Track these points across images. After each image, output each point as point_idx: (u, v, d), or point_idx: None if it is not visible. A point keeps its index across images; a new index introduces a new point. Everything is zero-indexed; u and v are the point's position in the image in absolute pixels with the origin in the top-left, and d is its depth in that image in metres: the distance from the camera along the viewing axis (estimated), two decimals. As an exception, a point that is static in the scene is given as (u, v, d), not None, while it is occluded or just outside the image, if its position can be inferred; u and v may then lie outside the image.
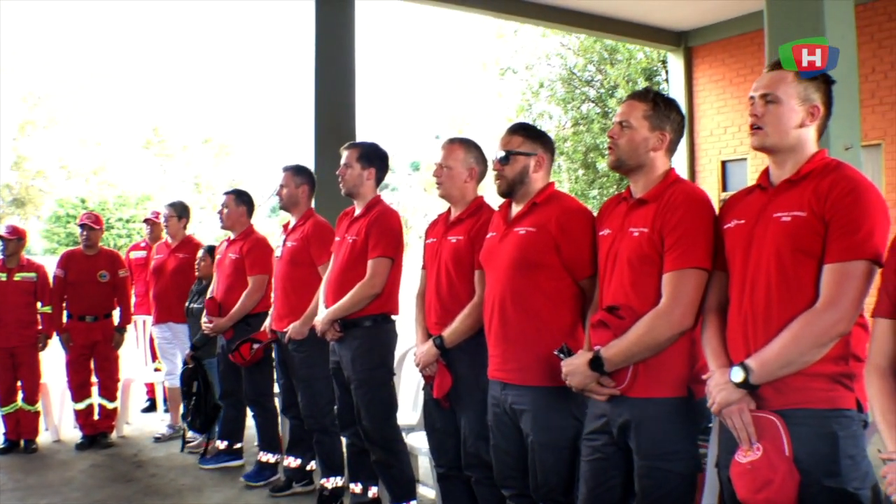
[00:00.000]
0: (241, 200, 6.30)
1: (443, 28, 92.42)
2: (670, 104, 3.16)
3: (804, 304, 2.52)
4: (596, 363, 2.99)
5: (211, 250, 6.77)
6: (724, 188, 12.46)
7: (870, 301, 2.51)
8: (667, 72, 14.99)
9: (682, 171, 12.57)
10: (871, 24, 10.44)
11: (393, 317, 4.80)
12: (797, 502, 2.45)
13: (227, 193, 6.33)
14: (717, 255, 2.88)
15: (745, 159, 12.21)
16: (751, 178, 11.52)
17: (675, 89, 13.32)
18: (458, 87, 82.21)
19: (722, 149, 12.70)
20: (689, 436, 2.99)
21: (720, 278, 2.84)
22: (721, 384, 2.61)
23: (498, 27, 20.45)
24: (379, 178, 4.87)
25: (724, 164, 12.71)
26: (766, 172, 2.77)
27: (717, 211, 2.98)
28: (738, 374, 2.56)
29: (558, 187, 3.64)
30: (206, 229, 37.12)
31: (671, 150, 3.16)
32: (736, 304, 2.70)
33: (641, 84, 17.29)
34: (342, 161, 4.81)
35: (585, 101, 19.38)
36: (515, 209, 3.59)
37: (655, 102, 3.12)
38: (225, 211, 6.23)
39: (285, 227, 5.63)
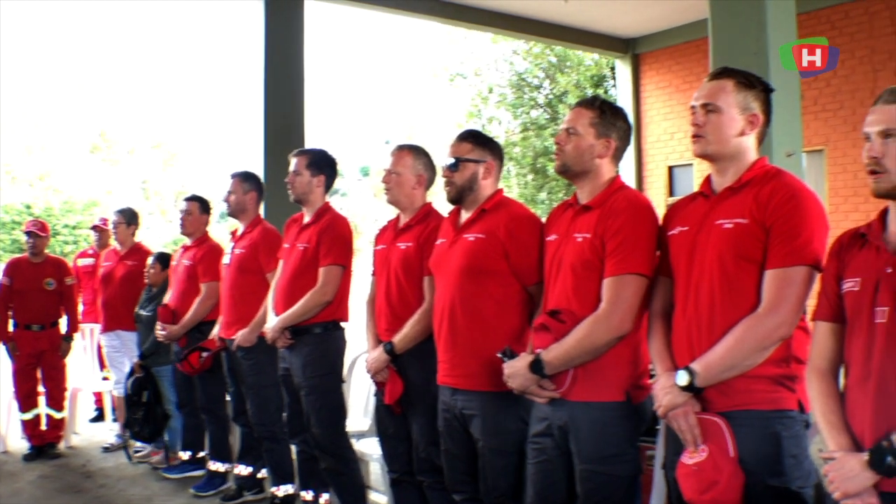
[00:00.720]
0: (205, 209, 6.27)
1: (392, 33, 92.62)
2: (617, 112, 3.21)
3: (747, 309, 2.58)
4: (536, 366, 3.03)
5: (161, 257, 6.71)
6: (671, 193, 12.62)
7: (811, 305, 2.58)
8: (615, 78, 15.15)
9: (630, 177, 12.72)
10: (813, 32, 10.63)
11: (343, 324, 4.80)
12: (742, 502, 2.51)
13: (190, 200, 6.27)
14: (661, 261, 2.93)
15: (691, 165, 12.37)
16: (697, 183, 11.67)
17: (622, 96, 13.47)
18: (407, 92, 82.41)
19: (669, 154, 12.87)
20: (627, 439, 3.02)
21: (665, 284, 2.89)
22: (667, 387, 2.66)
23: (448, 33, 20.47)
24: (328, 185, 4.87)
25: (670, 169, 12.88)
26: (708, 180, 2.83)
27: (661, 217, 3.03)
28: (683, 378, 2.61)
29: (507, 192, 3.69)
30: (155, 236, 36.69)
31: (617, 157, 3.21)
32: (680, 309, 2.76)
33: (590, 90, 17.44)
34: (291, 168, 4.80)
35: (535, 106, 19.49)
36: (465, 216, 3.62)
37: (602, 110, 3.17)
38: (189, 217, 6.18)
39: (233, 234, 5.60)
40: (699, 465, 2.55)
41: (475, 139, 3.67)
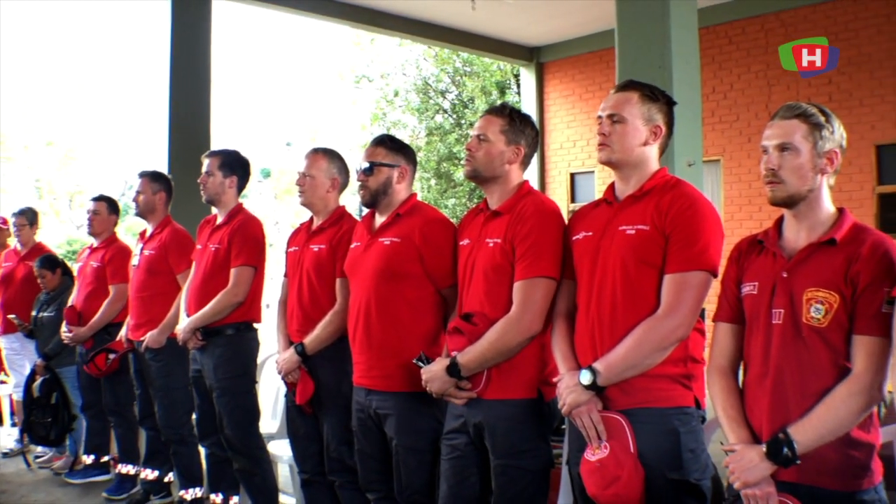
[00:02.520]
0: (113, 209, 6.17)
1: (297, 35, 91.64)
2: (526, 120, 3.32)
3: (647, 311, 2.70)
4: (453, 369, 3.11)
5: (46, 263, 6.55)
6: (573, 199, 12.84)
7: (708, 308, 2.73)
8: (519, 85, 15.36)
9: (534, 183, 12.85)
10: (712, 46, 11.01)
11: (255, 325, 4.80)
12: (644, 495, 2.63)
13: (97, 200, 6.15)
14: (566, 265, 3.04)
15: (592, 172, 12.64)
16: (598, 190, 11.95)
17: (526, 103, 13.65)
18: (312, 94, 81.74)
19: (571, 161, 13.11)
20: (540, 434, 3.13)
21: (569, 286, 3.00)
22: (571, 386, 2.76)
23: (355, 35, 20.46)
24: (240, 186, 4.86)
25: (572, 176, 13.12)
26: (611, 187, 2.96)
27: (565, 219, 3.15)
28: (586, 377, 2.72)
29: (412, 197, 3.75)
30: (48, 235, 35.58)
31: (525, 163, 3.32)
32: (583, 311, 2.87)
33: (496, 96, 17.65)
34: (203, 169, 4.78)
35: (440, 111, 19.60)
36: (379, 219, 3.68)
37: (512, 118, 3.28)
38: (97, 218, 6.07)
39: (142, 234, 5.53)
40: (601, 462, 2.66)
41: (390, 144, 3.72)
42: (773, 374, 2.39)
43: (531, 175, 12.81)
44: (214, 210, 4.94)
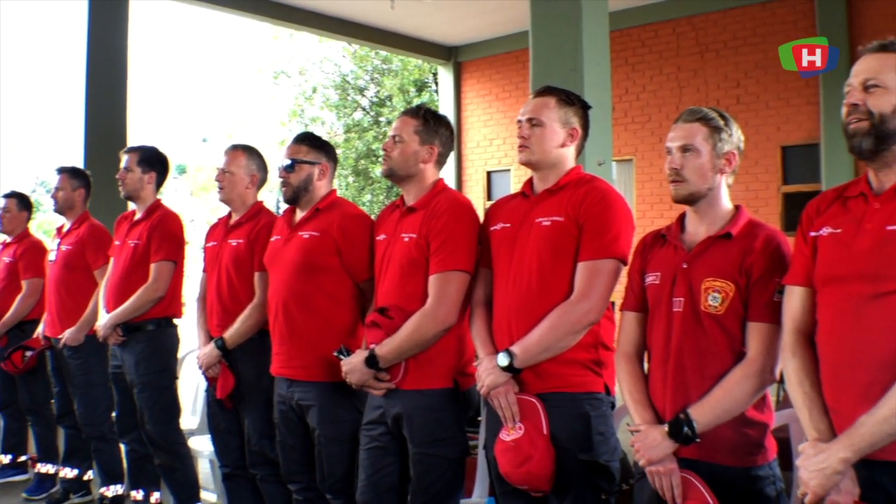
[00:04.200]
0: (24, 205, 6.08)
1: (214, 29, 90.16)
2: (440, 120, 3.43)
3: (560, 298, 2.85)
4: (371, 361, 3.19)
5: None
6: (489, 197, 13.00)
7: (620, 300, 2.88)
8: (437, 84, 15.47)
9: (451, 181, 13.02)
10: (626, 48, 11.30)
11: (175, 320, 4.80)
12: (554, 475, 2.78)
13: (8, 196, 6.05)
14: (483, 255, 3.16)
15: (508, 170, 12.83)
16: (514, 188, 12.06)
17: (444, 102, 13.78)
18: (228, 89, 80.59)
19: (487, 160, 13.28)
20: (456, 423, 3.24)
21: (486, 276, 3.13)
22: (489, 369, 2.89)
23: (274, 31, 20.35)
24: (159, 182, 4.86)
25: (489, 174, 13.29)
26: (529, 182, 3.10)
27: (481, 217, 3.27)
28: (503, 359, 2.85)
29: (330, 193, 3.83)
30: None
31: (440, 162, 3.43)
32: (501, 298, 3.00)
33: (413, 95, 17.74)
34: (122, 165, 4.76)
35: (358, 108, 19.63)
36: (300, 214, 3.74)
37: (426, 119, 3.39)
38: (7, 215, 5.98)
39: (59, 230, 5.48)
40: (516, 442, 2.80)
41: (311, 142, 3.79)
42: (675, 358, 2.55)
43: (448, 173, 12.93)
44: (132, 205, 4.92)
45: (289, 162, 3.70)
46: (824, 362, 2.20)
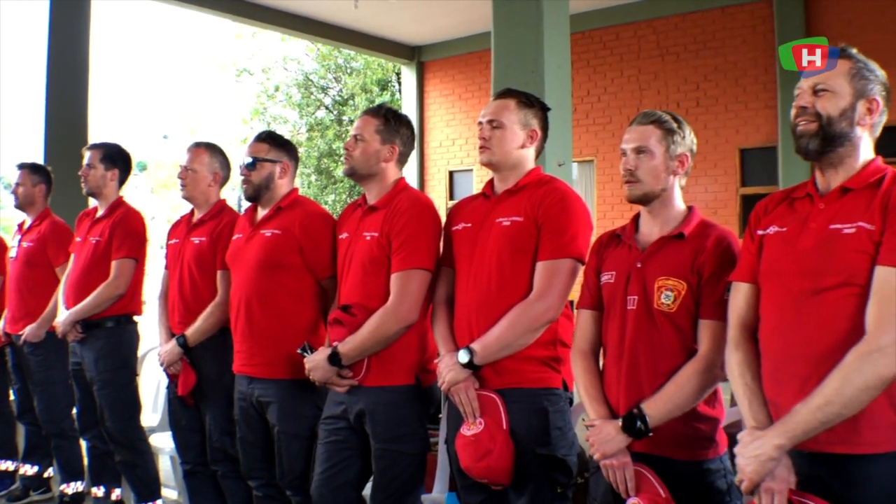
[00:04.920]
0: None
1: (176, 25, 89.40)
2: (401, 120, 3.47)
3: (520, 296, 2.90)
4: (334, 358, 3.22)
5: None
6: (452, 197, 13.05)
7: (577, 298, 2.94)
8: (400, 84, 15.50)
9: (414, 181, 13.05)
10: (587, 51, 11.40)
11: (136, 318, 4.80)
12: (514, 469, 2.84)
13: None
14: (445, 254, 3.22)
15: (471, 170, 12.88)
16: (476, 188, 12.19)
17: (407, 101, 13.81)
18: (190, 86, 79.99)
19: (450, 160, 13.33)
20: (418, 419, 3.29)
21: (448, 275, 3.18)
22: (450, 365, 2.94)
23: (237, 28, 20.26)
24: (122, 179, 4.85)
25: (451, 174, 13.35)
26: (490, 183, 3.15)
27: (443, 216, 3.32)
28: (464, 356, 2.90)
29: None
30: None
31: (401, 161, 3.47)
32: (462, 296, 3.05)
33: (376, 94, 17.74)
34: (85, 161, 4.75)
35: (321, 107, 19.58)
36: (261, 213, 3.76)
37: (387, 118, 3.42)
38: None
39: (20, 226, 5.44)
40: (476, 436, 2.86)
41: (272, 140, 3.82)
42: (629, 355, 2.61)
43: (411, 173, 12.97)
44: (93, 202, 4.91)
45: (250, 160, 3.72)
46: (766, 356, 2.26)
